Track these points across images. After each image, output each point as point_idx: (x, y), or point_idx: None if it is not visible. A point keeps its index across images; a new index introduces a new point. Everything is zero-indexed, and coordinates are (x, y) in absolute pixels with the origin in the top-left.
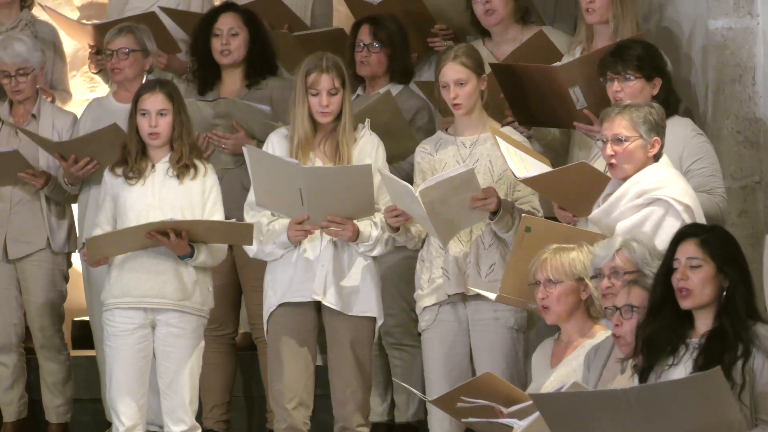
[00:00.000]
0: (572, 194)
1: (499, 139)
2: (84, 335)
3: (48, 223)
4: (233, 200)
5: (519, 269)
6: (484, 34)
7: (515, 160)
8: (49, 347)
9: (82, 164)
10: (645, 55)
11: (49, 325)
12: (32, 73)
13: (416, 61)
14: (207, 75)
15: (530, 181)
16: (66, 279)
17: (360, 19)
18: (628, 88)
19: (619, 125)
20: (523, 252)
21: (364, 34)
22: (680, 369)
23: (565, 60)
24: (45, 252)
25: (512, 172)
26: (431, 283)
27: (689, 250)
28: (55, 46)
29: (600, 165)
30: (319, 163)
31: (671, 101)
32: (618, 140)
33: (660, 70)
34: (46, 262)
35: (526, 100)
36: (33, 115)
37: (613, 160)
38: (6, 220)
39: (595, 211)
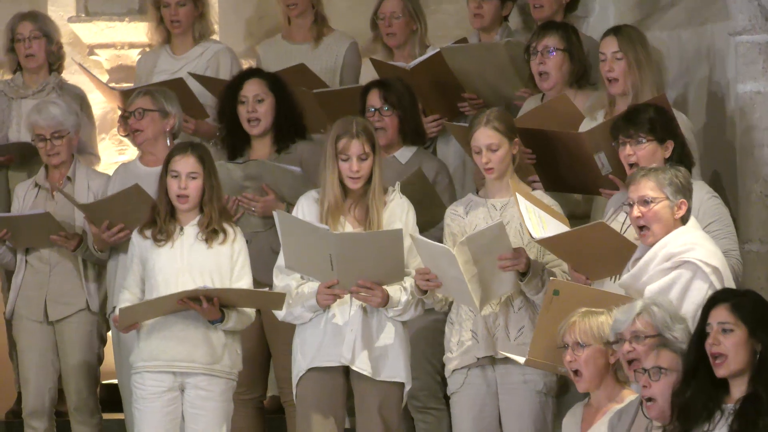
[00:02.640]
0: (589, 256)
1: (518, 196)
2: (111, 398)
3: (86, 284)
4: (262, 263)
5: (548, 332)
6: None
7: (533, 219)
8: (82, 410)
9: (114, 231)
10: (657, 118)
11: (85, 387)
12: (67, 136)
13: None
14: (236, 141)
15: (546, 242)
16: (103, 342)
17: (367, 84)
18: (640, 152)
19: (645, 187)
20: (552, 315)
21: (374, 99)
22: None
23: (586, 124)
24: (84, 313)
25: (528, 232)
26: (460, 345)
27: (721, 315)
28: (83, 109)
29: (618, 226)
30: (349, 228)
31: (685, 164)
32: (644, 202)
33: (672, 132)
34: (84, 323)
35: (552, 165)
36: (68, 178)
37: (641, 222)
38: (46, 282)
39: (625, 276)
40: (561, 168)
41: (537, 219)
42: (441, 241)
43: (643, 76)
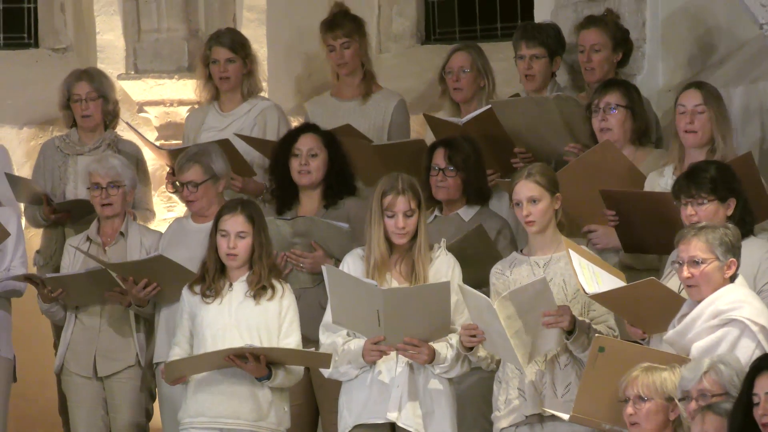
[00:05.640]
0: (642, 311)
1: (572, 252)
2: None
3: (137, 340)
4: (311, 319)
5: (593, 389)
6: None
7: (587, 274)
8: None
9: (140, 286)
10: (718, 177)
11: None
12: (123, 188)
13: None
14: (285, 195)
15: (599, 297)
16: (153, 398)
17: (434, 142)
18: (702, 212)
19: (696, 247)
20: (597, 372)
21: (439, 158)
22: None
23: (652, 179)
24: (134, 369)
25: (582, 287)
26: (508, 404)
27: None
28: (138, 166)
29: (673, 284)
30: (395, 284)
31: (747, 221)
32: (694, 262)
33: (734, 190)
34: (134, 379)
35: (634, 226)
36: (121, 233)
37: (690, 282)
38: (96, 337)
39: (671, 332)
40: (644, 229)
41: (591, 274)
42: None
43: (725, 131)
